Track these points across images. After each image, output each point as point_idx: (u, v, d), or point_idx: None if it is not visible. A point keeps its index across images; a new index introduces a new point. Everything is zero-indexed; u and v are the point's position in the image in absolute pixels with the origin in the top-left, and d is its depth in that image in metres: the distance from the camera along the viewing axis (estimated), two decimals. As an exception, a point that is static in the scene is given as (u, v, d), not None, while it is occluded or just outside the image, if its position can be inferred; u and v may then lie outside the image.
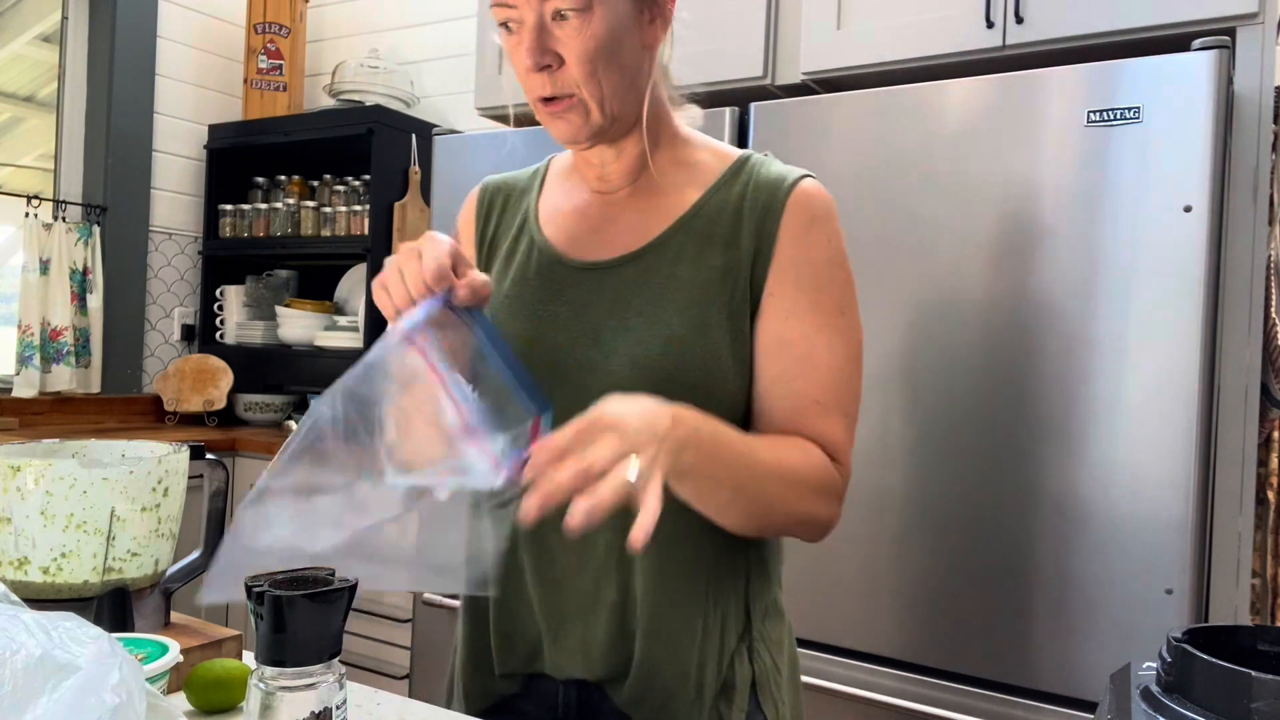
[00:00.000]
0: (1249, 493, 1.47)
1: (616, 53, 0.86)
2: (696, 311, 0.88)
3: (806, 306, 0.89)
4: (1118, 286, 1.46)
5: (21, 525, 0.93)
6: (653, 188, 0.95)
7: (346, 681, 0.65)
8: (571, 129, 0.89)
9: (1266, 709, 0.47)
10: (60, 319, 2.84)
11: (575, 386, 0.89)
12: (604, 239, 0.94)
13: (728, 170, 0.95)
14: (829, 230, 0.91)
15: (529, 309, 0.94)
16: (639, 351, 0.87)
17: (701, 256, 0.90)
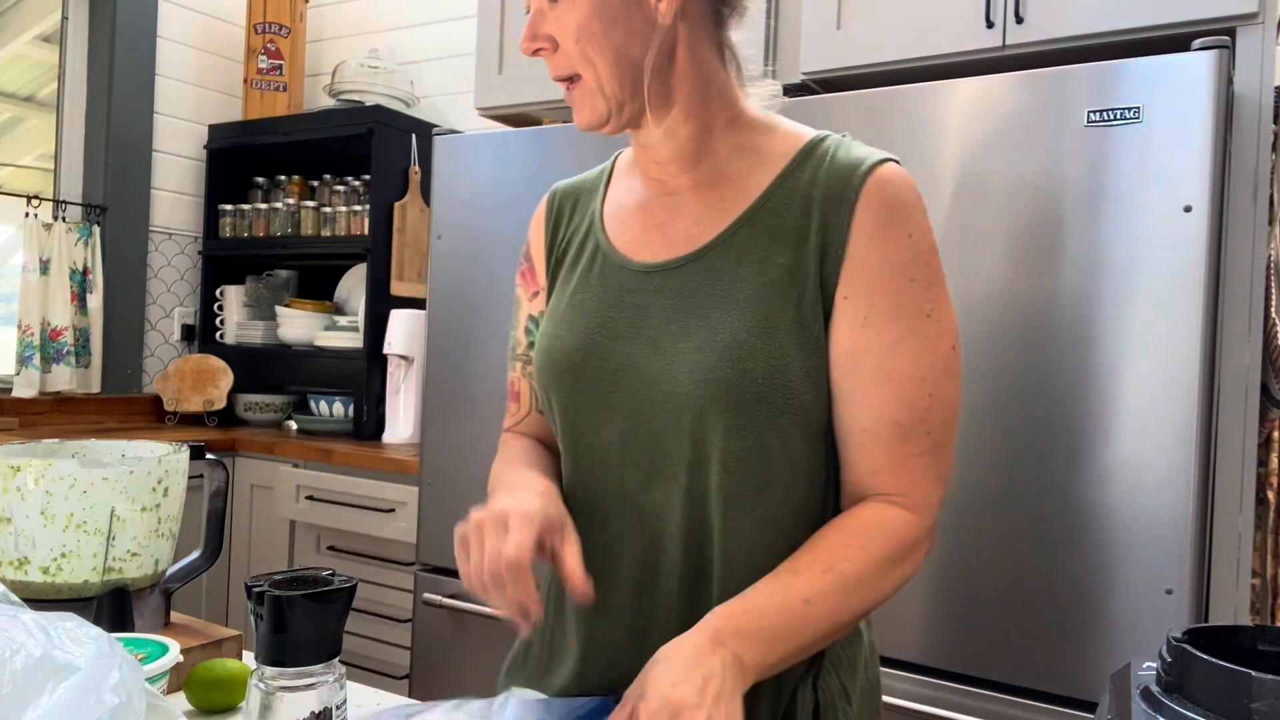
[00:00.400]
0: (1249, 493, 1.47)
1: (609, 28, 0.81)
2: (761, 315, 0.81)
3: (885, 313, 0.80)
4: (1118, 286, 1.46)
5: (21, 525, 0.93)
6: (716, 177, 0.88)
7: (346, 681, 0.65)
8: (583, 113, 0.85)
9: (1266, 709, 0.47)
10: (60, 319, 2.84)
11: (636, 397, 0.84)
12: (666, 237, 0.88)
13: (798, 154, 0.86)
14: (911, 223, 0.82)
15: (588, 317, 0.88)
16: (699, 358, 0.81)
17: (768, 254, 0.83)
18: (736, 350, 0.80)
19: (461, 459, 2.08)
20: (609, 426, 0.86)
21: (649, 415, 0.83)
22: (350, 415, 2.98)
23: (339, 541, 2.56)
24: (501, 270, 2.05)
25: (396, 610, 2.43)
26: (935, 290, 0.82)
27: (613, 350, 0.86)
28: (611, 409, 0.86)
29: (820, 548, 0.79)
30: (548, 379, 0.90)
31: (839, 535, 0.79)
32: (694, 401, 0.81)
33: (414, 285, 2.91)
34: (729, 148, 0.88)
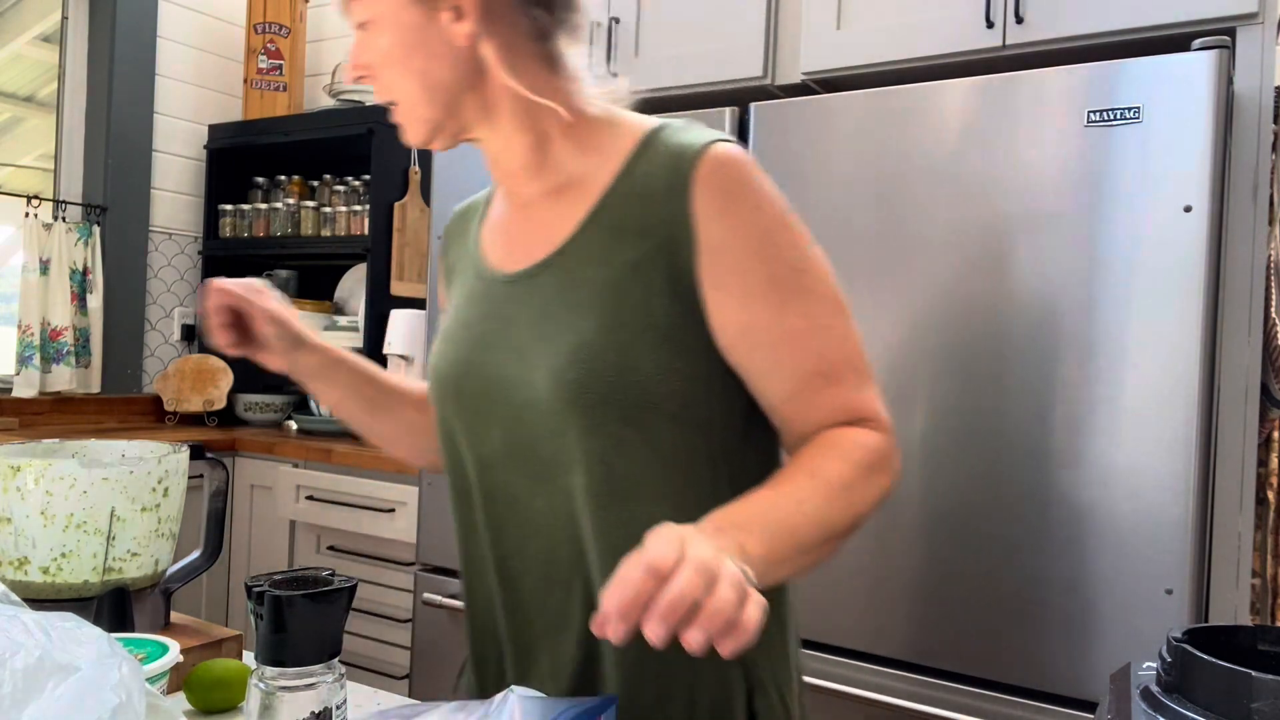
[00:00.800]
0: (1249, 493, 1.47)
1: (410, 56, 0.85)
2: (608, 315, 0.82)
3: (762, 287, 0.81)
4: (1118, 286, 1.46)
5: (21, 525, 0.93)
6: (564, 182, 0.89)
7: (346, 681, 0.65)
8: (406, 133, 0.89)
9: (1266, 709, 0.47)
10: (60, 319, 2.84)
11: (509, 405, 0.86)
12: (524, 246, 0.90)
13: (636, 148, 0.87)
14: (753, 196, 0.82)
15: (467, 331, 0.91)
16: (553, 363, 0.82)
17: (612, 252, 0.83)
18: (584, 351, 0.81)
19: (461, 459, 2.08)
20: (491, 436, 0.88)
21: (522, 422, 0.86)
22: (350, 415, 2.98)
23: (339, 541, 2.56)
24: (501, 270, 2.05)
25: (396, 610, 2.43)
26: (800, 246, 0.83)
27: (485, 362, 0.88)
28: (491, 418, 0.88)
29: (800, 461, 0.80)
30: (435, 395, 0.94)
31: (816, 450, 0.80)
32: (551, 405, 0.83)
33: (414, 285, 2.91)
34: (571, 151, 0.89)
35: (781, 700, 0.88)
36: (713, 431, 0.84)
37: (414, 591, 2.15)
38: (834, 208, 1.72)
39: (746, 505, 0.73)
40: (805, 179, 1.75)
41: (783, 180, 1.77)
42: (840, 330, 0.83)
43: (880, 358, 1.66)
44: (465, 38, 0.85)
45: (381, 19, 0.85)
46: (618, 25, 2.09)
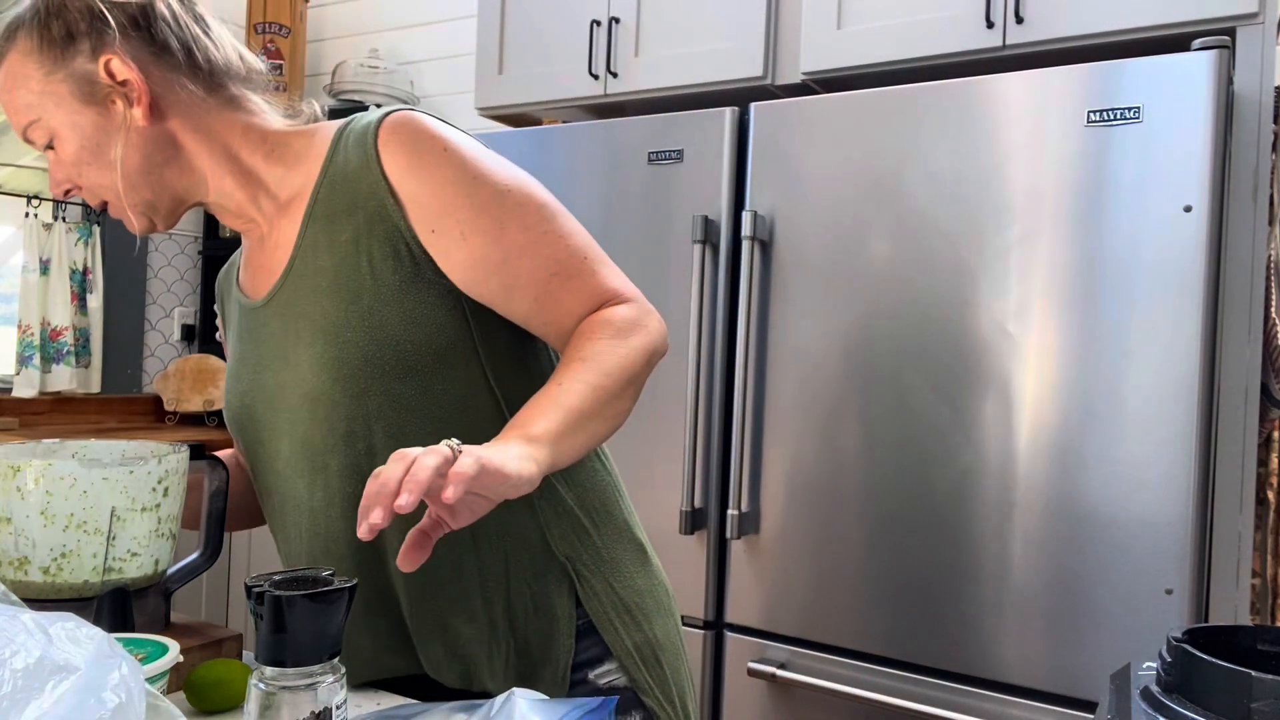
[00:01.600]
0: (1249, 493, 1.47)
1: (99, 155, 0.90)
2: (345, 291, 0.88)
3: (471, 217, 0.86)
4: (1118, 286, 1.46)
5: (21, 525, 0.93)
6: (283, 202, 0.95)
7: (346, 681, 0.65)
8: (132, 226, 0.93)
9: (1266, 709, 0.47)
10: (60, 319, 2.84)
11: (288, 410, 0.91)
12: (268, 267, 0.96)
13: (330, 147, 0.93)
14: (435, 142, 0.87)
15: (243, 364, 0.97)
16: (314, 353, 0.88)
17: (332, 235, 0.90)
18: (333, 330, 0.87)
19: (461, 459, 2.08)
20: (281, 449, 0.93)
21: (298, 421, 0.91)
22: (350, 415, 2.98)
23: (339, 541, 2.55)
24: (501, 270, 2.05)
25: (396, 610, 2.43)
26: (497, 171, 0.88)
27: (264, 383, 0.94)
28: (278, 432, 0.93)
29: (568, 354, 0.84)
30: (235, 431, 1.00)
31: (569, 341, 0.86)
32: (322, 389, 0.88)
33: (414, 285, 2.90)
34: (279, 172, 0.95)
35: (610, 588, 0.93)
36: (476, 363, 0.90)
37: None
38: (834, 207, 1.71)
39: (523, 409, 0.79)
40: (805, 179, 1.75)
41: (783, 180, 1.77)
42: (559, 229, 0.88)
43: (883, 355, 1.66)
44: (144, 118, 0.90)
45: (61, 130, 0.89)
46: (618, 25, 2.10)
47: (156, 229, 0.96)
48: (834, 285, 1.71)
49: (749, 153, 1.82)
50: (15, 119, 0.91)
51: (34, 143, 0.91)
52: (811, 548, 1.71)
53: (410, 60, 3.19)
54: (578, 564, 0.92)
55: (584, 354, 0.82)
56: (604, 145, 1.93)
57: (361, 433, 0.88)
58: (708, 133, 1.84)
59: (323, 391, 0.88)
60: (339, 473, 0.90)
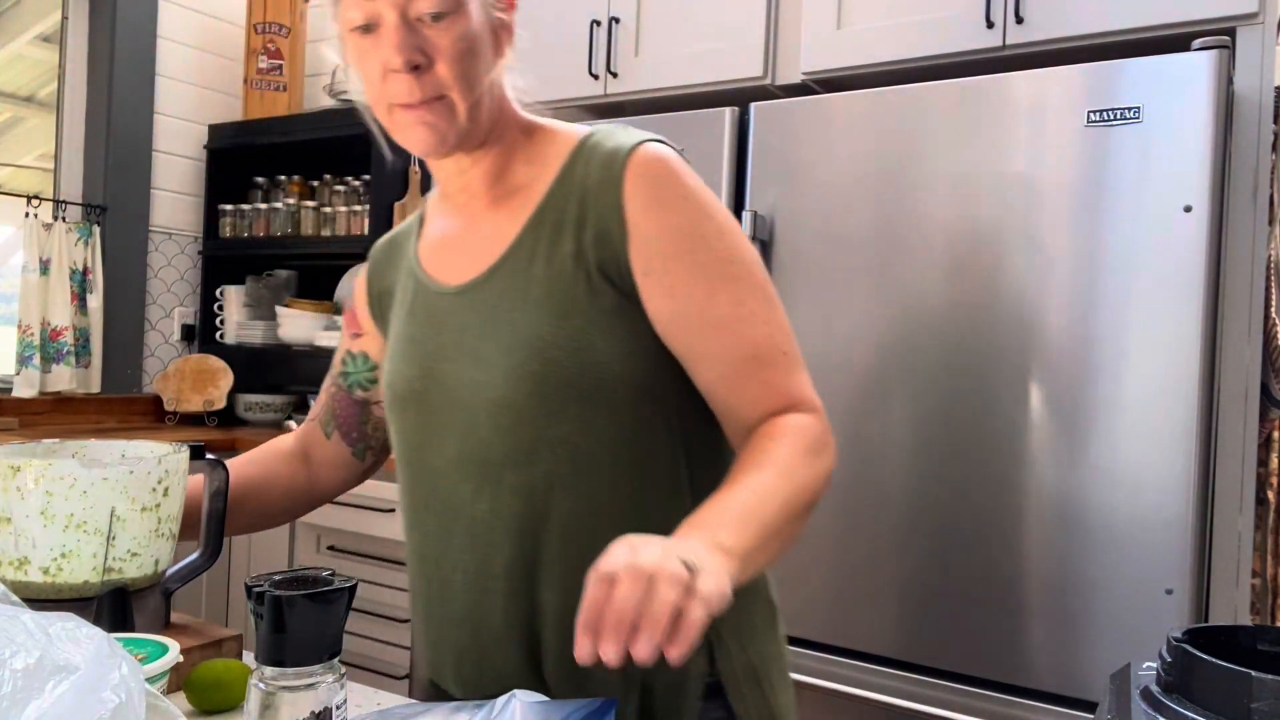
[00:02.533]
0: (1249, 493, 1.47)
1: (479, 56, 0.86)
2: (557, 306, 0.85)
3: (689, 274, 0.84)
4: (1118, 286, 1.46)
5: (21, 525, 0.93)
6: (510, 191, 0.92)
7: (346, 681, 0.65)
8: (435, 135, 0.86)
9: (1266, 709, 0.47)
10: (60, 319, 2.84)
11: (467, 411, 0.87)
12: (471, 255, 0.93)
13: (571, 153, 0.91)
14: (680, 189, 0.86)
15: (417, 346, 0.93)
16: (511, 360, 0.85)
17: (555, 248, 0.87)
18: (539, 343, 0.84)
19: (461, 459, 2.08)
20: (447, 445, 0.89)
21: (477, 425, 0.87)
22: (350, 415, 2.98)
23: (339, 541, 2.56)
24: (501, 270, 2.05)
25: (396, 610, 2.43)
26: (728, 237, 0.86)
27: (444, 372, 0.90)
28: (449, 427, 0.89)
29: (749, 454, 0.81)
30: (395, 412, 0.95)
31: (761, 440, 0.81)
32: (513, 399, 0.84)
33: (414, 285, 2.90)
34: (521, 163, 0.93)
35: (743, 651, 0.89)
36: (671, 408, 0.87)
37: (414, 591, 2.15)
38: (834, 208, 1.71)
39: (712, 506, 0.74)
40: (805, 179, 1.75)
41: (783, 180, 1.77)
42: (768, 316, 0.85)
43: (878, 356, 1.66)
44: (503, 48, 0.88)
45: (464, 11, 0.84)
46: (618, 25, 2.09)
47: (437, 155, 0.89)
48: (834, 285, 1.71)
49: (749, 153, 1.82)
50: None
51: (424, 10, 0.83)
52: (812, 549, 1.71)
53: (410, 60, 3.18)
54: (719, 623, 0.88)
55: (780, 463, 0.79)
56: (604, 145, 1.93)
57: (545, 454, 0.85)
58: (708, 133, 1.84)
59: (514, 403, 0.85)
60: (512, 488, 0.86)
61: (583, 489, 0.85)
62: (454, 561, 0.90)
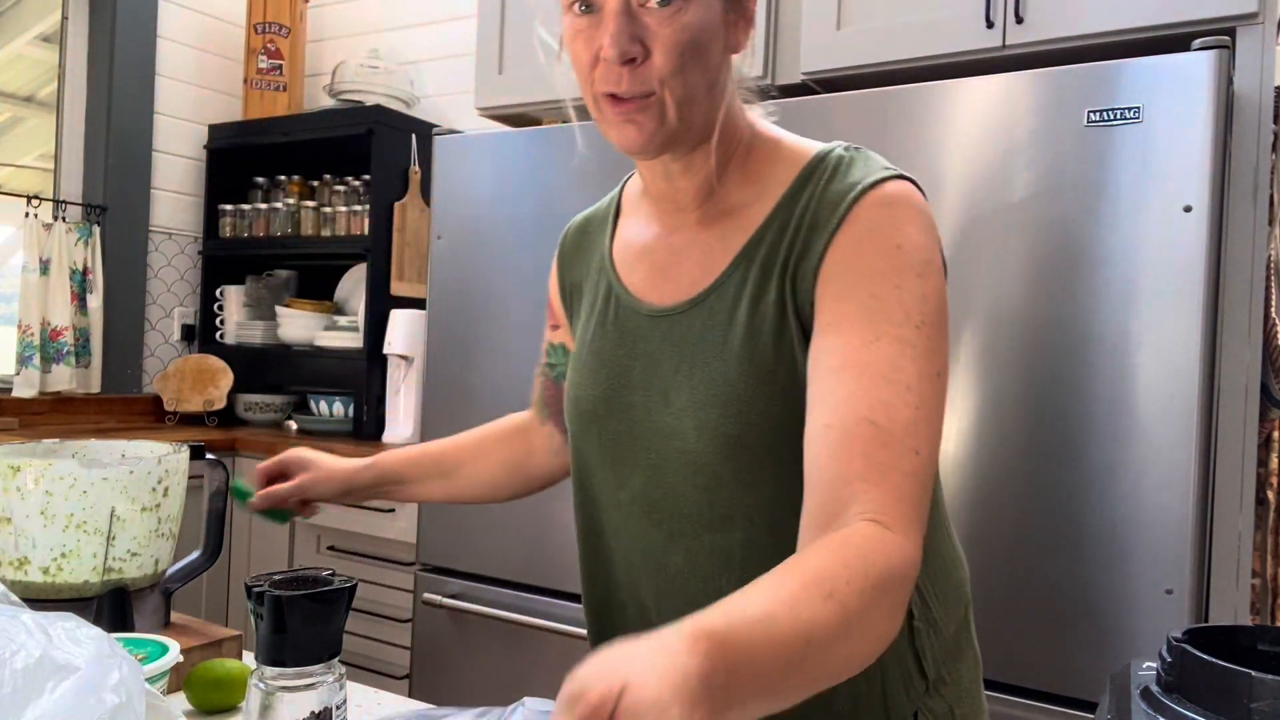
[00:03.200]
0: (1249, 493, 1.47)
1: (705, 50, 0.75)
2: (759, 361, 0.76)
3: (857, 316, 0.72)
4: (1118, 286, 1.46)
5: (21, 525, 0.93)
6: (721, 212, 0.82)
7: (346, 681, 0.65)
8: (643, 134, 0.76)
9: (1266, 709, 0.47)
10: (60, 319, 2.84)
11: (653, 452, 0.80)
12: (671, 279, 0.83)
13: (796, 179, 0.80)
14: (900, 235, 0.73)
15: (606, 365, 0.84)
16: (703, 415, 0.76)
17: (762, 292, 0.77)
18: (737, 404, 0.75)
19: (461, 459, 2.08)
20: (631, 481, 0.82)
21: (665, 470, 0.80)
22: (350, 415, 2.98)
23: (339, 541, 2.56)
24: (501, 270, 2.05)
25: (396, 610, 2.43)
26: (930, 307, 0.72)
27: (631, 403, 0.82)
28: (634, 463, 0.82)
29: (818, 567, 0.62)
30: (576, 429, 0.88)
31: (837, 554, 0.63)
32: (706, 459, 0.77)
33: (414, 285, 2.91)
34: (738, 178, 0.83)
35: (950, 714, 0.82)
36: None
37: (414, 591, 2.15)
38: (834, 208, 1.71)
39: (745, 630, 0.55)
40: (805, 179, 1.75)
41: (783, 180, 1.77)
42: (921, 403, 0.70)
43: (880, 358, 1.65)
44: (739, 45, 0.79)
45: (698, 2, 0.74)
46: (618, 25, 2.09)
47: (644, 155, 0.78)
48: (834, 285, 1.71)
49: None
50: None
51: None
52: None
53: (410, 60, 3.19)
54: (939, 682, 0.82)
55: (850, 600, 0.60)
56: (604, 145, 1.93)
57: (741, 521, 0.77)
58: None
59: (710, 464, 0.77)
60: (711, 550, 0.79)
61: (780, 557, 0.77)
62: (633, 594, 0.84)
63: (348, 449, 2.56)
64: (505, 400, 2.02)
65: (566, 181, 1.98)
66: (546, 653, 1.96)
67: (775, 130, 0.86)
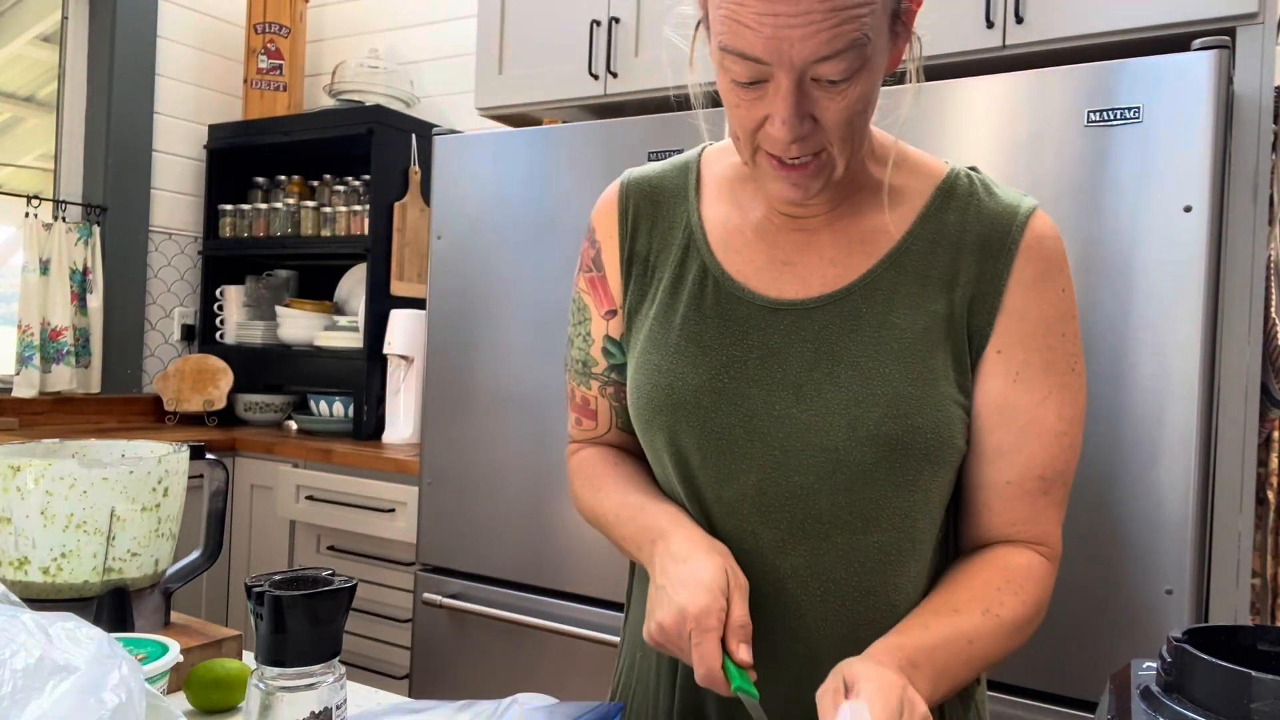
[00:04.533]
0: (1249, 493, 1.47)
1: (872, 103, 0.77)
2: (921, 366, 0.77)
3: (1038, 368, 0.78)
4: (1118, 286, 1.46)
5: (21, 525, 0.93)
6: (851, 214, 0.82)
7: (346, 681, 0.65)
8: (808, 193, 0.76)
9: (1266, 709, 0.47)
10: (60, 319, 2.84)
11: (776, 449, 0.78)
12: (796, 274, 0.81)
13: (937, 192, 0.82)
14: (1063, 278, 0.80)
15: (709, 354, 0.81)
16: (858, 412, 0.76)
17: (920, 300, 0.78)
18: (902, 405, 0.76)
19: (461, 459, 2.08)
20: (742, 478, 0.79)
21: (791, 469, 0.78)
22: (350, 415, 2.98)
23: (339, 541, 2.56)
24: (501, 270, 2.05)
25: (396, 610, 2.43)
26: (1077, 344, 0.81)
27: (746, 395, 0.79)
28: (747, 459, 0.79)
29: (976, 588, 0.77)
30: (669, 420, 0.82)
31: (995, 577, 0.78)
32: (856, 458, 0.77)
33: (414, 285, 2.91)
34: (868, 183, 0.83)
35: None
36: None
37: (414, 591, 2.15)
38: (834, 208, 1.71)
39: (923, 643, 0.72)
40: (805, 179, 1.75)
41: (783, 180, 1.77)
42: (1073, 443, 0.81)
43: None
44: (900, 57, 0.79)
45: (871, 64, 0.73)
46: (618, 25, 2.09)
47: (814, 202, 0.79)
48: (834, 285, 1.71)
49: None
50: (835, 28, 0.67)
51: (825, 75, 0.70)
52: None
53: (410, 60, 3.19)
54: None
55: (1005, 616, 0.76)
56: (604, 145, 1.93)
57: (884, 523, 0.78)
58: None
59: (861, 463, 0.77)
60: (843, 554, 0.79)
61: (912, 567, 0.80)
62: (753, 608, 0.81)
63: (348, 449, 2.56)
64: (505, 400, 2.02)
65: (566, 181, 1.98)
66: (546, 653, 1.96)
67: (883, 133, 0.86)
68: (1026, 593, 0.78)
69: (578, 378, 0.94)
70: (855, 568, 0.79)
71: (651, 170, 0.90)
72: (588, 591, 1.91)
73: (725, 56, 0.71)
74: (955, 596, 0.77)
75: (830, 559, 0.79)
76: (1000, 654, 0.76)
